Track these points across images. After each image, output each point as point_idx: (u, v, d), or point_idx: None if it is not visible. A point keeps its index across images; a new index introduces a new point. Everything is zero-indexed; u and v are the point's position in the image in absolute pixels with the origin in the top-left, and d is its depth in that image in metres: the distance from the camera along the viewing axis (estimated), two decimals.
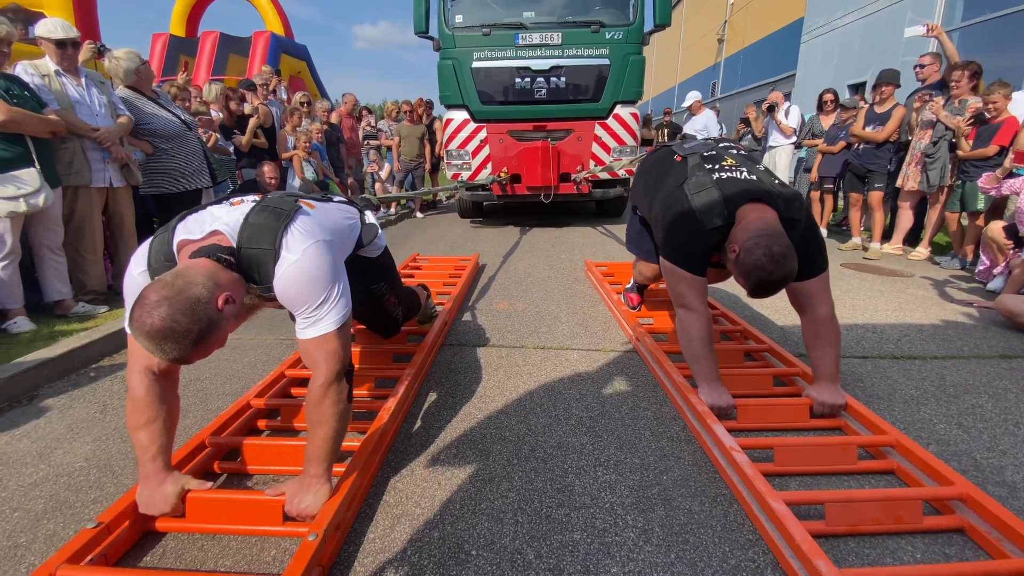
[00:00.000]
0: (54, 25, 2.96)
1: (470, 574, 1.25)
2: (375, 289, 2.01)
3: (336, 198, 1.81)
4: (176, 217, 1.36)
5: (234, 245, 1.27)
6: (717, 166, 1.93)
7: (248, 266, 1.28)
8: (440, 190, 6.40)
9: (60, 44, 2.94)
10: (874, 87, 4.98)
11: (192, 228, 1.30)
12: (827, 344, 1.89)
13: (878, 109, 4.87)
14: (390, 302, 2.13)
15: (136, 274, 1.30)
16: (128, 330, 1.30)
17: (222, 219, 1.31)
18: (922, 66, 4.73)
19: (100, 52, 3.86)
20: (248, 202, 1.40)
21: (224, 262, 1.23)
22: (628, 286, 3.11)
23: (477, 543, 1.34)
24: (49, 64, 2.96)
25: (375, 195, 8.17)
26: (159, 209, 3.81)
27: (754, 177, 1.87)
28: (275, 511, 1.34)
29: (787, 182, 6.94)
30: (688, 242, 1.88)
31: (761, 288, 1.69)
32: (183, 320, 1.08)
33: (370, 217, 1.90)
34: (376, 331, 2.33)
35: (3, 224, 2.62)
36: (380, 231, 1.93)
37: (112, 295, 3.39)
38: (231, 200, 1.42)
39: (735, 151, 2.04)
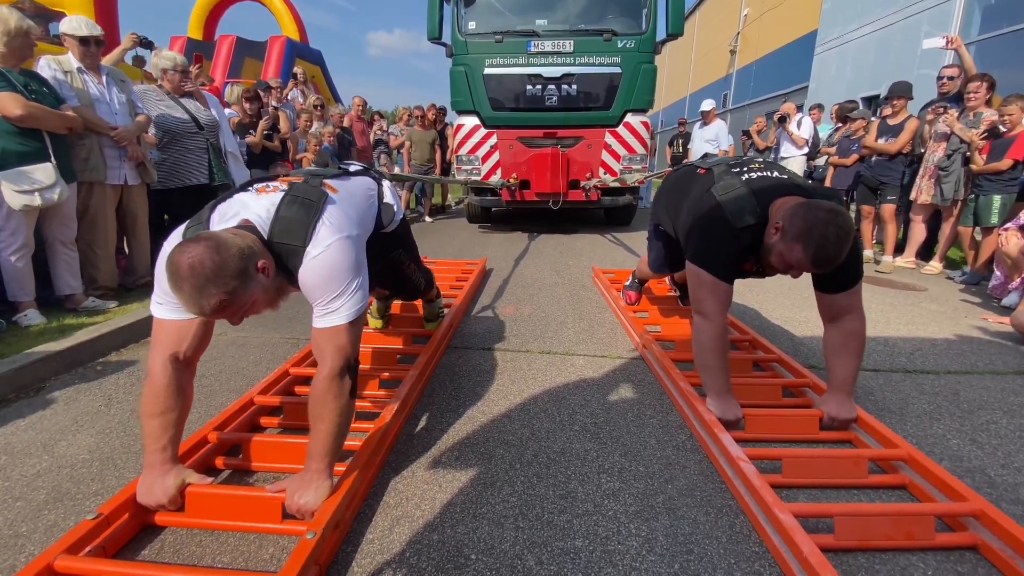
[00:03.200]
0: (78, 23, 3.01)
1: None
2: (393, 256, 2.06)
3: (353, 167, 1.81)
4: (207, 207, 1.37)
5: (266, 237, 1.29)
6: (745, 168, 1.87)
7: (279, 257, 1.31)
8: (451, 181, 6.34)
9: (83, 41, 3.00)
10: (886, 99, 4.94)
11: (227, 218, 1.32)
12: (850, 355, 1.81)
13: (891, 121, 4.83)
14: (410, 268, 2.18)
15: None
16: (155, 313, 1.33)
17: (252, 208, 1.32)
18: (952, 78, 4.67)
19: (141, 43, 3.91)
20: (274, 189, 1.40)
21: (264, 242, 1.27)
22: (627, 283, 3.11)
23: (477, 547, 1.32)
24: (72, 61, 3.01)
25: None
26: (164, 206, 3.84)
27: (785, 176, 1.81)
28: (274, 508, 1.33)
29: None
30: (716, 243, 1.79)
31: (824, 247, 1.51)
32: (225, 255, 1.11)
33: (388, 196, 1.91)
34: (399, 294, 2.43)
35: (17, 217, 2.65)
36: (398, 208, 1.94)
37: (122, 291, 3.43)
38: (256, 186, 1.42)
39: (760, 160, 1.99)
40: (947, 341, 2.85)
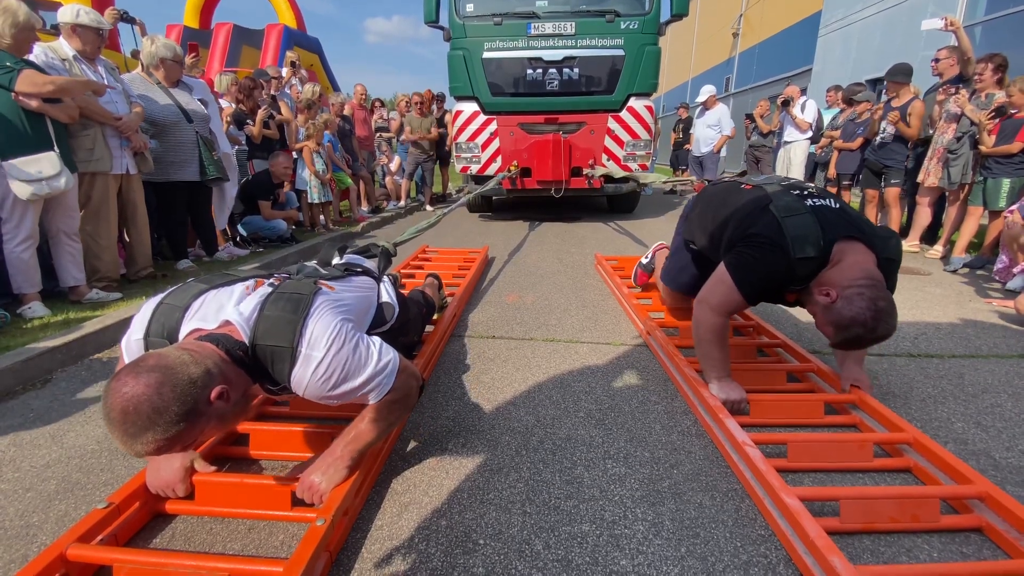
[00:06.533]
0: (87, 13, 2.98)
1: (478, 563, 1.24)
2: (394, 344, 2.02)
3: (358, 268, 1.72)
4: (191, 293, 1.24)
5: (246, 341, 1.15)
6: (805, 192, 1.75)
7: (262, 361, 1.17)
8: (455, 208, 5.63)
9: (97, 32, 3.01)
10: (884, 81, 4.88)
11: (208, 314, 1.19)
12: None
13: (894, 104, 4.77)
14: (409, 339, 2.13)
15: (133, 340, 1.23)
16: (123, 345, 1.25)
17: (239, 307, 1.20)
18: (937, 60, 4.62)
19: (123, 18, 3.86)
20: (267, 285, 1.30)
21: (235, 356, 1.12)
22: (645, 262, 3.10)
23: (485, 532, 1.34)
24: (67, 49, 2.97)
25: (388, 193, 8.17)
26: (157, 199, 3.82)
27: (845, 210, 1.70)
28: (284, 496, 1.34)
29: (802, 178, 6.85)
30: (761, 264, 1.67)
31: (852, 343, 1.55)
32: (168, 397, 0.95)
33: (385, 295, 1.81)
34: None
35: (21, 208, 2.65)
36: (396, 307, 1.84)
37: (125, 283, 3.43)
38: (255, 279, 1.34)
39: (813, 185, 1.89)
40: (952, 325, 2.85)
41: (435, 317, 2.67)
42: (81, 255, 3.03)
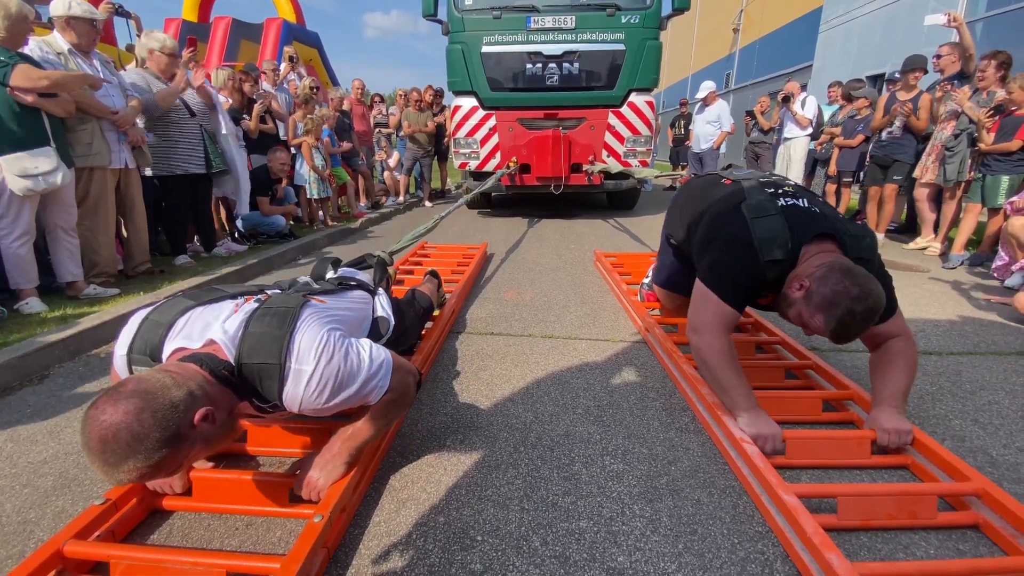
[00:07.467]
0: (78, 4, 2.95)
1: (475, 559, 1.24)
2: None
3: (352, 281, 1.70)
4: (177, 310, 1.21)
5: (231, 360, 1.12)
6: (780, 191, 1.70)
7: (250, 380, 1.14)
8: (452, 211, 5.91)
9: (92, 23, 3.00)
10: (902, 73, 4.82)
11: (192, 332, 1.16)
12: (897, 370, 1.63)
13: (900, 96, 4.75)
14: (406, 345, 2.11)
15: (118, 356, 1.21)
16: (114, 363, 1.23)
17: (224, 325, 1.17)
18: (939, 56, 4.60)
19: (117, 11, 3.85)
20: (254, 301, 1.26)
21: (219, 376, 1.09)
22: (647, 281, 2.96)
23: (483, 529, 1.34)
24: (61, 42, 2.95)
25: (385, 185, 8.15)
26: (162, 193, 3.82)
27: (817, 210, 1.65)
28: (281, 492, 1.34)
29: (802, 175, 6.80)
30: (736, 266, 1.63)
31: (847, 324, 1.42)
32: (148, 423, 0.91)
33: (380, 309, 1.76)
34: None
35: (18, 204, 2.64)
36: (392, 320, 1.79)
37: (123, 278, 3.42)
38: (245, 295, 1.30)
39: (792, 183, 1.83)
40: (949, 322, 2.85)
41: (434, 313, 2.67)
42: (79, 250, 3.02)
